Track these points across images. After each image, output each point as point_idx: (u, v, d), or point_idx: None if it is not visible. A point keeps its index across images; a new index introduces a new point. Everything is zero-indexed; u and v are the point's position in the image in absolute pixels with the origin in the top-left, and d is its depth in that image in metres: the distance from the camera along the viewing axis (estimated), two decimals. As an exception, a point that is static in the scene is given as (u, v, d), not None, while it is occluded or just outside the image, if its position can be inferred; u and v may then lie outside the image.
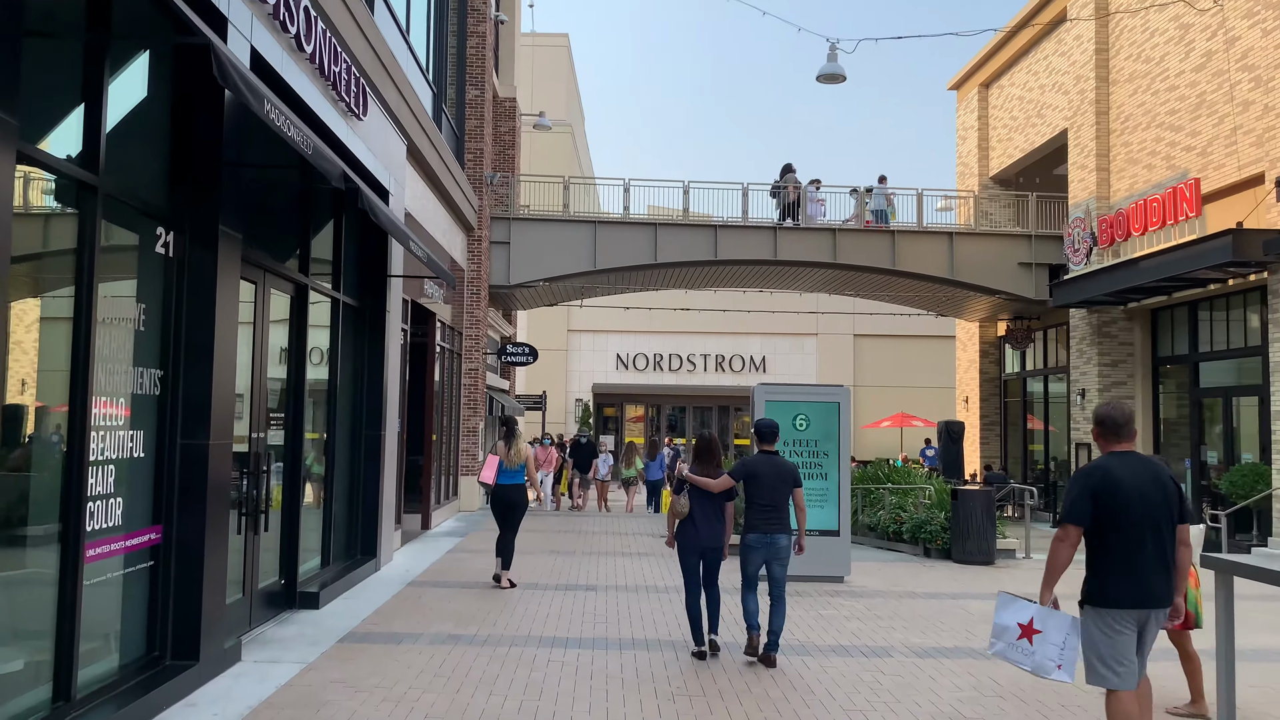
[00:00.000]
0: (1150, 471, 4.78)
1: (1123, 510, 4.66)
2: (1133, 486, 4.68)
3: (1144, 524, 4.67)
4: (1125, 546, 4.66)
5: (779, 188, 21.44)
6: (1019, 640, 4.84)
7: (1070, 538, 4.74)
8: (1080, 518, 4.72)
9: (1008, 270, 21.76)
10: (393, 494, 11.87)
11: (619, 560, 12.48)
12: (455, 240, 17.39)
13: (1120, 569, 4.66)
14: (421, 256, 9.29)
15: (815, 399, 11.23)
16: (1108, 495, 4.67)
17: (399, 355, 12.13)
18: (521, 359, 19.05)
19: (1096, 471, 4.77)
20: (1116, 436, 4.85)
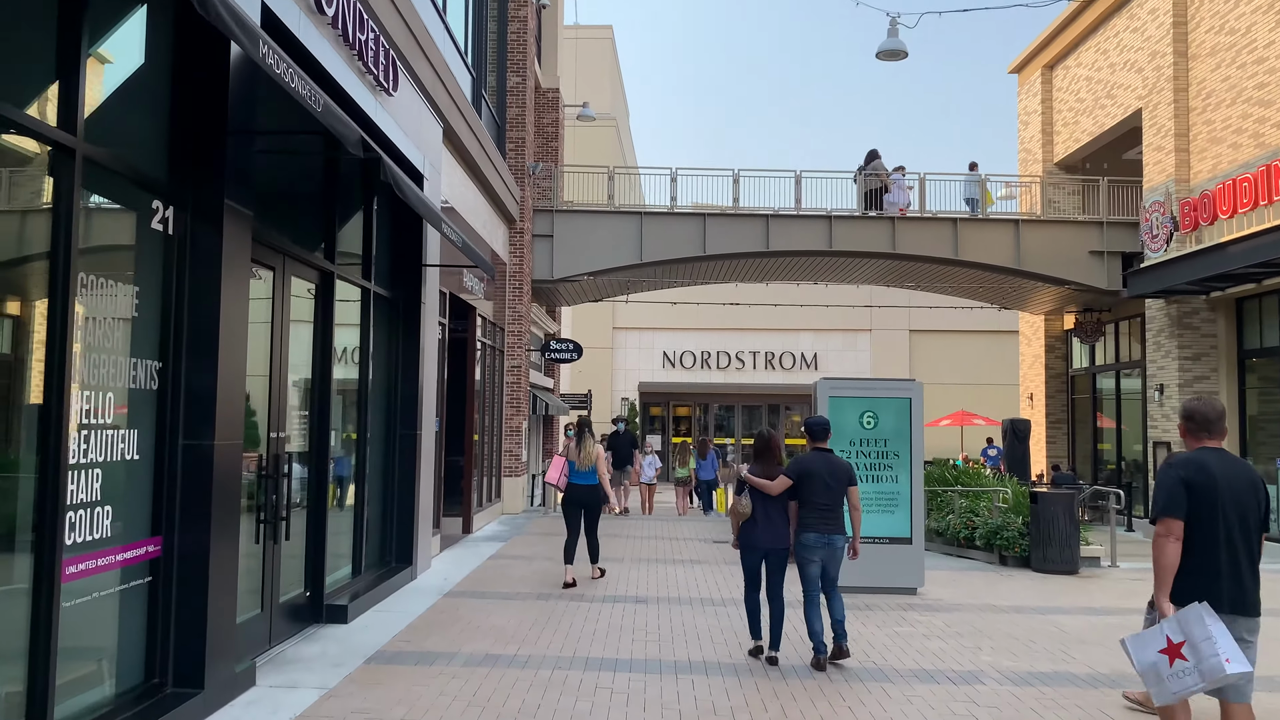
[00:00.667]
0: (1244, 472, 4.61)
1: (1215, 507, 4.47)
2: (1227, 485, 4.50)
3: (1235, 525, 4.48)
4: (1211, 546, 4.45)
5: (863, 174, 20.53)
6: (1173, 666, 4.41)
7: (1173, 531, 4.50)
8: (1178, 509, 4.50)
9: (1078, 259, 20.57)
10: (430, 497, 11.18)
11: (670, 569, 11.67)
12: (496, 232, 16.71)
13: (1204, 569, 4.44)
14: (456, 241, 8.56)
15: (884, 394, 10.32)
16: (1201, 488, 4.49)
17: (436, 350, 11.44)
18: (566, 355, 18.34)
19: (1191, 462, 4.56)
20: (1207, 432, 4.66)
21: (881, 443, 10.29)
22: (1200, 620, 4.35)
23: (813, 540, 7.03)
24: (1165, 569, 4.51)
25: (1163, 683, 4.43)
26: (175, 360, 5.57)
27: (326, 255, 8.28)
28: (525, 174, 18.12)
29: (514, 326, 17.77)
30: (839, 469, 7.20)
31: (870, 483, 10.22)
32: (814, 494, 7.06)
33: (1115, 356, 22.88)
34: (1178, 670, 4.38)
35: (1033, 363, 25.82)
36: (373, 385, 9.66)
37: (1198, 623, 4.36)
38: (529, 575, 10.82)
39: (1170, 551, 4.50)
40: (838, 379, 10.46)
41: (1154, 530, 4.61)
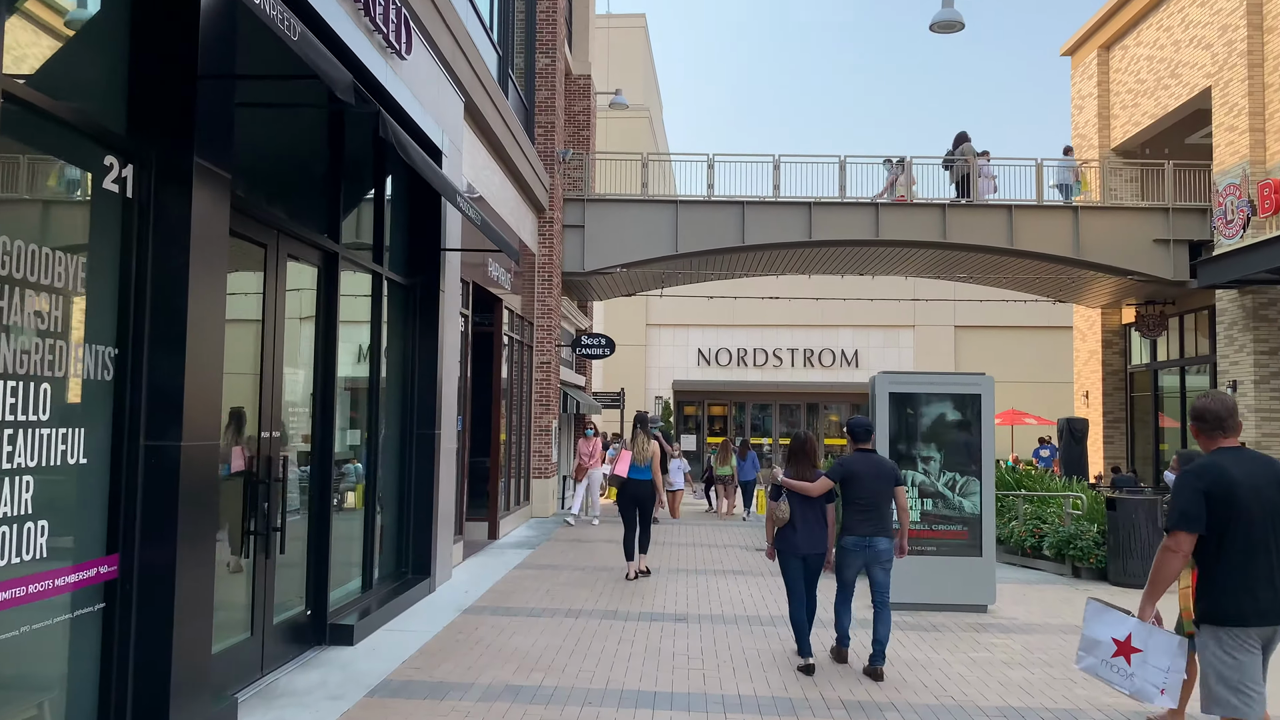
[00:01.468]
0: (1269, 470, 4.28)
1: (1242, 514, 4.16)
2: (1250, 487, 4.18)
3: (1265, 529, 4.18)
4: (1244, 555, 4.16)
5: (951, 160, 19.49)
6: (1114, 658, 4.44)
7: (1182, 547, 4.25)
8: (1194, 523, 4.21)
9: (1141, 248, 19.33)
10: (451, 502, 10.32)
11: (712, 580, 10.71)
12: (524, 221, 15.84)
13: (1240, 581, 4.16)
14: (474, 218, 7.67)
15: (950, 389, 9.30)
16: (1224, 497, 4.18)
17: (458, 343, 10.57)
18: (598, 351, 17.45)
19: (1209, 470, 4.23)
20: (1221, 431, 4.36)
21: (948, 443, 9.27)
22: (1168, 650, 4.30)
23: (852, 544, 6.85)
24: (1160, 581, 4.32)
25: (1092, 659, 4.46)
26: (136, 347, 4.71)
27: (330, 234, 7.42)
28: (555, 160, 17.25)
29: (543, 321, 16.90)
30: (884, 469, 7.02)
31: (937, 489, 9.21)
32: (858, 495, 6.87)
33: (1180, 351, 21.59)
34: (1115, 664, 4.37)
35: (1088, 359, 24.55)
36: (386, 380, 8.81)
37: (1164, 650, 4.30)
38: (558, 588, 9.92)
39: (1172, 565, 4.26)
40: (897, 373, 9.46)
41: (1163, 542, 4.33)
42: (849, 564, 6.89)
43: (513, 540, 13.63)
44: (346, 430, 8.07)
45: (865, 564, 6.85)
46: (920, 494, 9.23)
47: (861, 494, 6.85)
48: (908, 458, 9.25)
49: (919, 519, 9.23)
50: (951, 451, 9.28)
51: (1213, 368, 19.55)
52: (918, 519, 9.22)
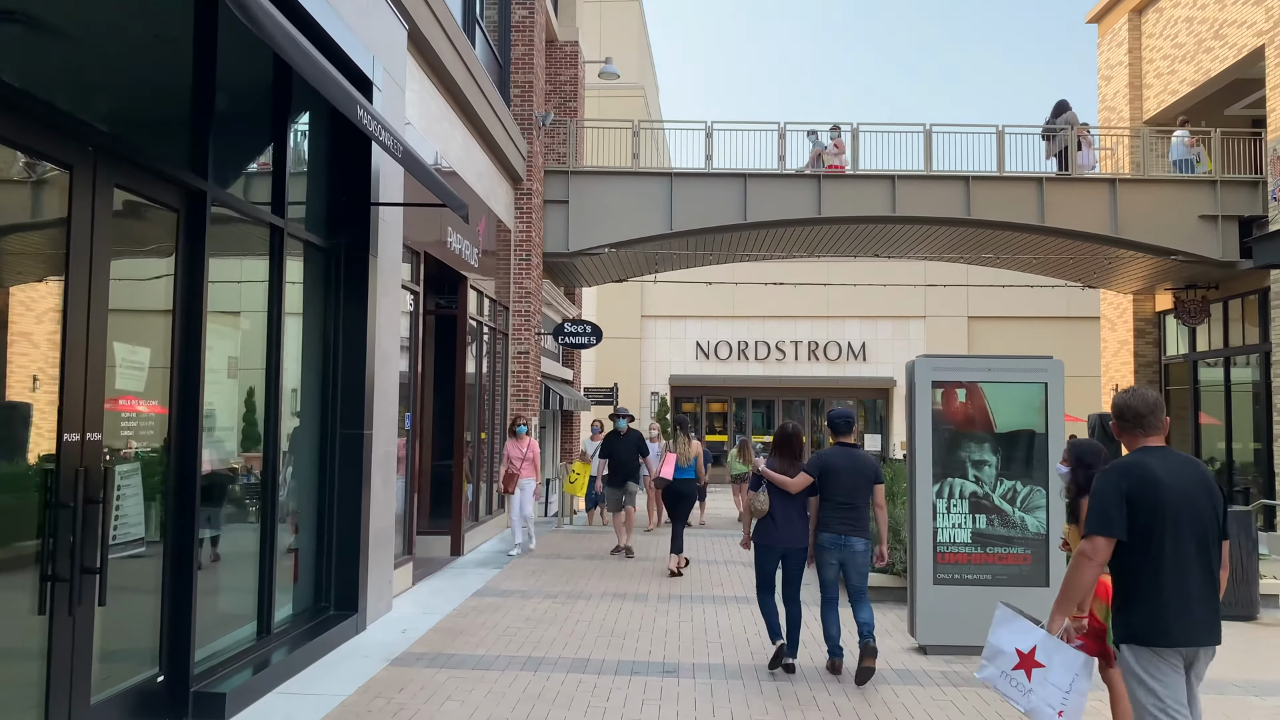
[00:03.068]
0: (1196, 473, 3.83)
1: (1167, 519, 3.72)
2: (1177, 490, 3.74)
3: (1192, 537, 3.73)
4: (1168, 566, 3.71)
5: (1052, 130, 17.75)
6: (1015, 670, 4.07)
7: (1099, 555, 3.77)
8: (1112, 527, 3.74)
9: (1185, 225, 17.44)
10: (391, 517, 8.44)
11: (709, 610, 8.84)
12: (497, 191, 13.94)
13: (1165, 595, 3.70)
14: (394, 149, 5.79)
15: (1009, 376, 7.41)
16: (1147, 500, 3.73)
17: (398, 323, 8.69)
18: (583, 340, 15.60)
19: (1132, 469, 3.79)
20: (1142, 429, 3.91)
21: (1007, 444, 7.39)
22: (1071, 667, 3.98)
23: (828, 541, 6.65)
24: (1073, 592, 3.91)
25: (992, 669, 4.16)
26: None
27: (195, 168, 5.53)
28: (533, 126, 15.36)
29: (521, 305, 15.01)
30: (863, 466, 6.75)
31: (992, 502, 7.33)
32: (835, 492, 6.66)
33: (1224, 340, 19.69)
34: (1014, 677, 4.08)
35: (1118, 350, 22.66)
36: (289, 367, 6.92)
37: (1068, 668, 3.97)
38: (521, 624, 8.04)
39: (1087, 575, 3.83)
40: (942, 357, 7.56)
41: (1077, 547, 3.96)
42: (826, 562, 6.65)
43: (480, 556, 11.74)
44: (235, 430, 6.19)
45: (841, 563, 6.61)
46: (971, 508, 7.35)
47: (838, 490, 6.63)
48: (955, 462, 7.37)
49: (969, 539, 7.35)
50: (1011, 454, 7.39)
51: (1264, 358, 17.68)
52: (967, 539, 7.35)
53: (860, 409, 32.86)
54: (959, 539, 7.34)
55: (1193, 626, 3.71)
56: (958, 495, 7.38)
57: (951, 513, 7.37)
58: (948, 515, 7.37)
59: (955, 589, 7.32)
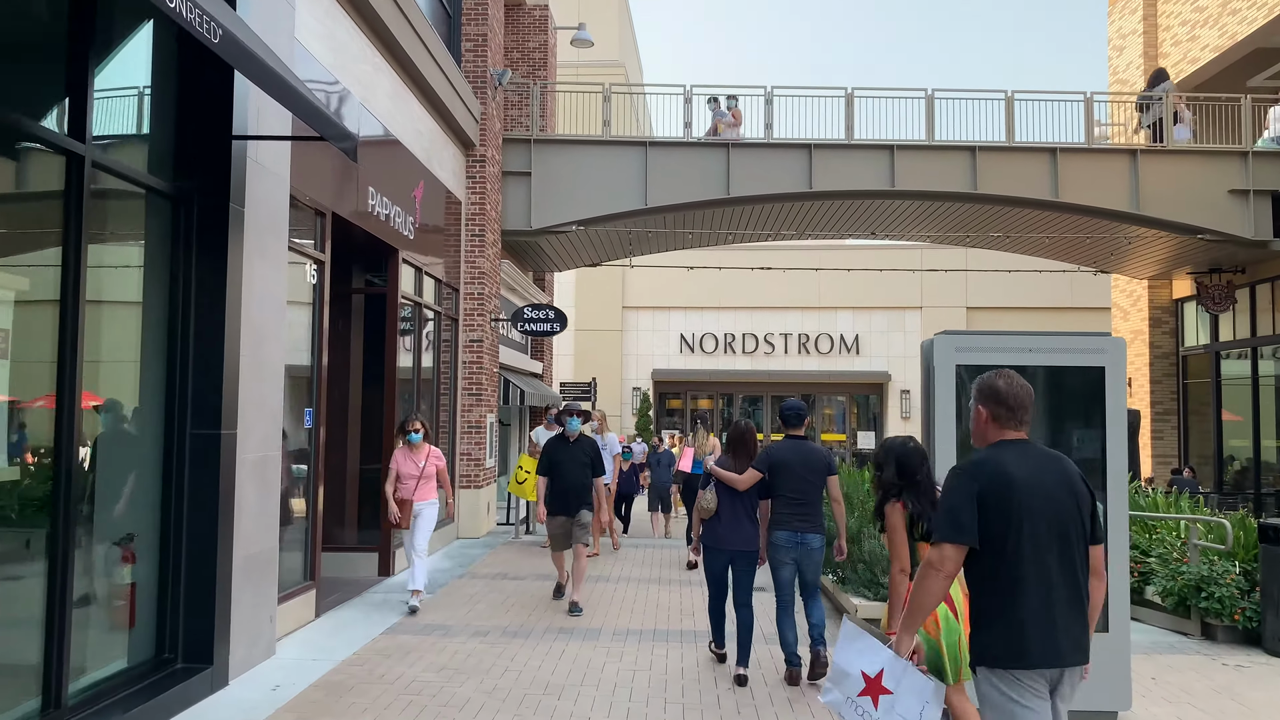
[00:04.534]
0: (1058, 470, 3.41)
1: (1024, 523, 3.27)
2: (1035, 489, 3.31)
3: (1051, 543, 3.30)
4: (1027, 575, 3.27)
5: (1148, 99, 16.28)
6: (860, 697, 3.58)
7: (947, 564, 3.30)
8: (963, 533, 3.28)
9: (1213, 201, 15.81)
10: (272, 538, 6.73)
11: (673, 652, 7.15)
12: (442, 155, 12.21)
13: (1024, 610, 3.25)
14: (192, 16, 4.06)
15: (1056, 359, 5.72)
16: (1001, 501, 3.28)
17: (282, 295, 6.97)
18: (545, 326, 13.86)
19: (984, 467, 3.37)
20: (1015, 421, 3.47)
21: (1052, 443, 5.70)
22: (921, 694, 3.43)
23: (784, 539, 6.32)
24: (920, 607, 3.35)
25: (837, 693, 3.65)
26: None
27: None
28: (488, 85, 13.62)
29: (474, 288, 13.28)
30: (815, 458, 6.45)
31: (1031, 520, 5.65)
32: (786, 487, 6.34)
33: (1250, 329, 18.09)
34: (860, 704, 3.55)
35: (1131, 341, 21.04)
36: (111, 346, 5.20)
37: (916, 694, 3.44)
38: (433, 675, 6.33)
39: (935, 587, 3.29)
40: (968, 334, 5.87)
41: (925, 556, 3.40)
42: (782, 561, 6.34)
43: (412, 577, 9.99)
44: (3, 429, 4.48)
45: (797, 561, 6.32)
46: (1007, 529, 5.67)
47: (791, 485, 6.33)
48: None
49: (1004, 569, 5.67)
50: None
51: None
52: (1002, 570, 5.67)
53: (852, 405, 31.25)
54: (991, 569, 5.66)
55: (1056, 644, 3.26)
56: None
57: (981, 535, 5.68)
58: (976, 538, 5.68)
59: (986, 634, 5.63)
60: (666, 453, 14.58)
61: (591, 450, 8.56)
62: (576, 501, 8.44)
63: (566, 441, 8.61)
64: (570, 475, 8.44)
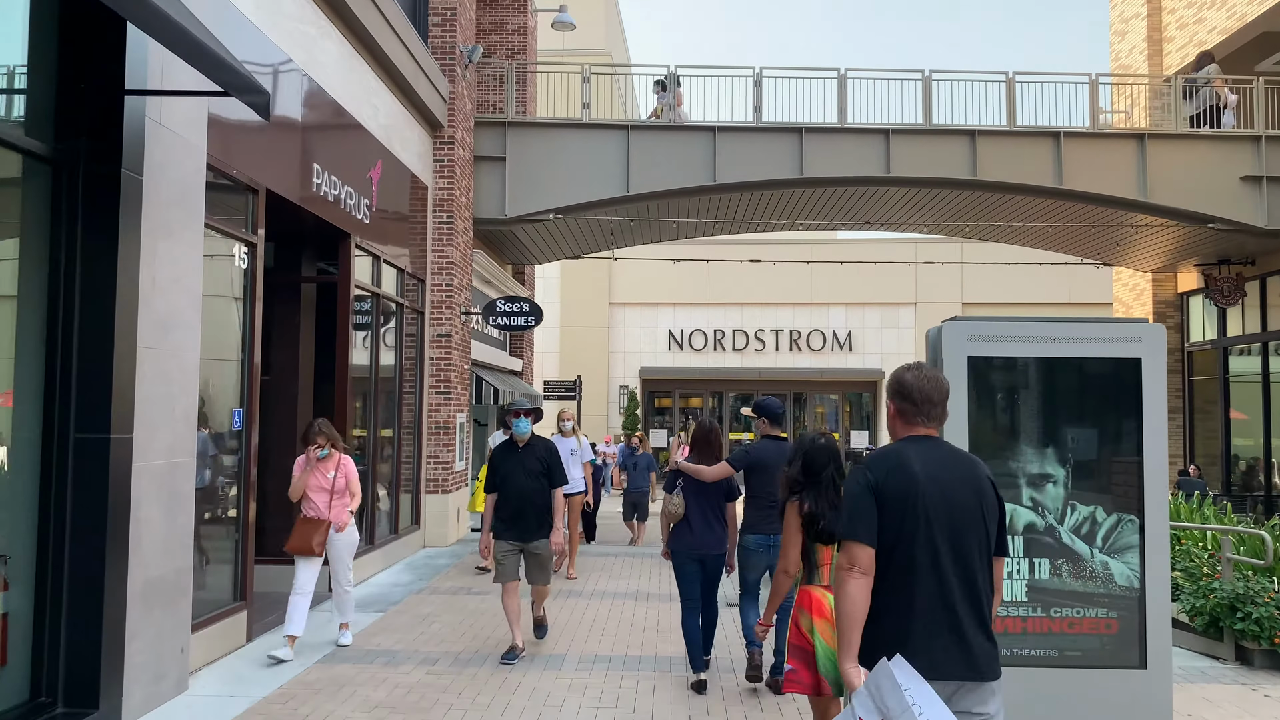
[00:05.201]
0: (965, 471, 3.18)
1: (919, 522, 3.06)
2: (936, 489, 3.09)
3: (949, 548, 3.06)
4: (919, 581, 3.04)
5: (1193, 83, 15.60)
6: None
7: (859, 563, 3.07)
8: (863, 530, 3.08)
9: (1224, 188, 15.04)
10: (184, 557, 5.89)
11: (644, 683, 6.33)
12: (406, 135, 11.36)
13: (911, 618, 3.02)
14: None
15: (1084, 350, 4.90)
16: (897, 498, 3.08)
17: (197, 280, 6.12)
18: (519, 320, 13.01)
19: (883, 463, 3.17)
20: (924, 417, 3.26)
21: (1081, 452, 4.90)
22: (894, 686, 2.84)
23: (755, 543, 6.15)
24: (849, 618, 3.04)
25: None
26: None
27: None
28: (457, 62, 12.77)
29: (441, 279, 12.43)
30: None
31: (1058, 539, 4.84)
32: (763, 488, 6.10)
33: (1261, 324, 17.32)
34: None
35: (1134, 336, 20.25)
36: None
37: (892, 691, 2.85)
38: (364, 716, 5.48)
39: (856, 593, 3.04)
40: (982, 320, 5.04)
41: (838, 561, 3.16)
42: (753, 565, 6.22)
43: (365, 593, 9.15)
44: None
45: (770, 567, 6.05)
46: (1028, 548, 4.86)
47: (768, 487, 6.07)
48: (1004, 476, 4.88)
49: (1023, 596, 4.87)
50: (1086, 467, 4.90)
51: (1314, 342, 15.34)
52: (1022, 596, 4.87)
53: (845, 404, 30.48)
54: (1010, 595, 4.85)
55: (944, 656, 3.01)
56: (1007, 529, 4.87)
57: (997, 556, 4.87)
58: (992, 559, 4.87)
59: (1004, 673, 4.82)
60: (645, 455, 13.73)
61: (547, 456, 6.90)
62: (531, 523, 6.77)
63: (515, 448, 6.93)
64: (521, 490, 6.77)
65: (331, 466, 6.98)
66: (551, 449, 6.99)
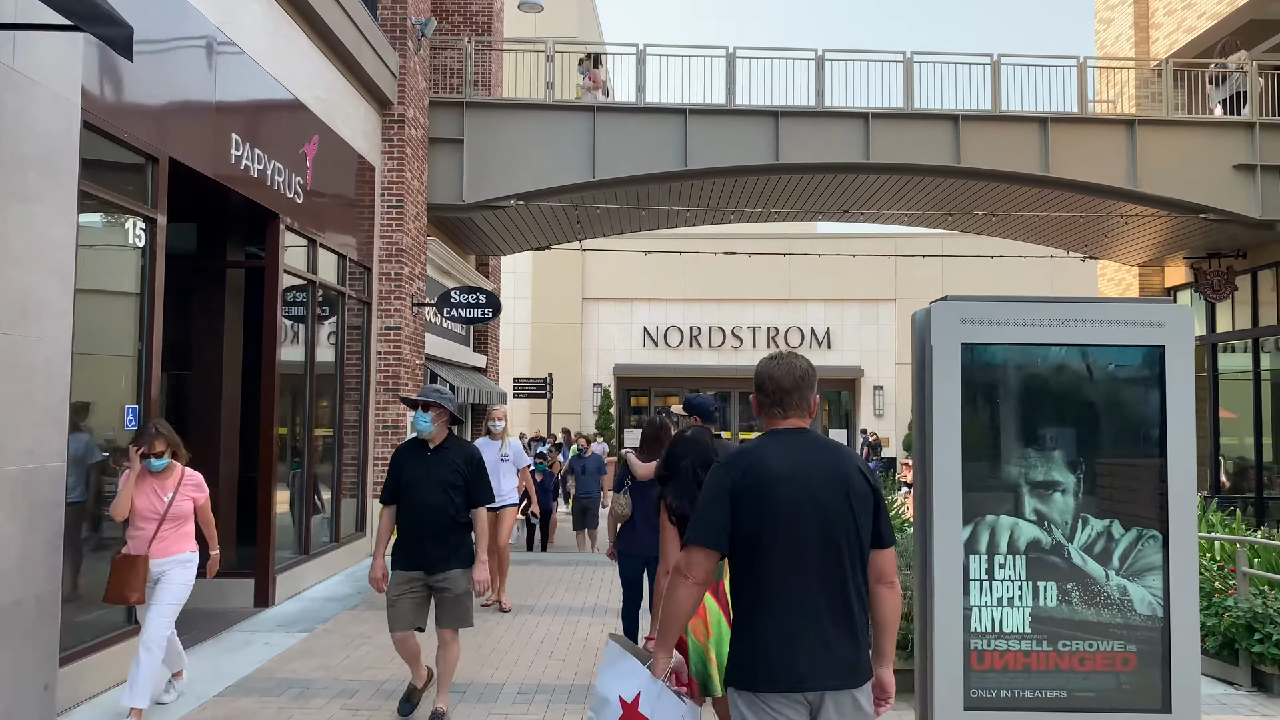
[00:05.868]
0: (828, 462, 2.97)
1: (778, 523, 2.88)
2: (796, 485, 2.90)
3: (813, 547, 2.88)
4: (777, 584, 2.88)
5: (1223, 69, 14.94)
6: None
7: (694, 570, 2.94)
8: (710, 535, 2.93)
9: (1216, 176, 14.43)
10: (37, 585, 5.05)
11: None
12: (348, 111, 10.53)
13: (771, 622, 2.87)
14: None
15: (1099, 336, 4.15)
16: (754, 499, 2.90)
17: (67, 255, 5.28)
18: (475, 312, 12.15)
19: (740, 460, 2.99)
20: (781, 408, 3.05)
21: (1093, 456, 4.16)
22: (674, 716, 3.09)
23: None
24: (671, 620, 2.98)
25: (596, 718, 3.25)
26: None
27: None
28: (409, 35, 11.93)
29: (391, 267, 11.60)
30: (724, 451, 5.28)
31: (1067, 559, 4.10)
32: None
33: (1252, 320, 16.74)
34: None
35: (1120, 332, 19.68)
36: None
37: (674, 712, 3.11)
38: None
39: (684, 598, 2.94)
40: (979, 301, 4.28)
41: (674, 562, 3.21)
42: None
43: (296, 609, 8.31)
44: None
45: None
46: (1031, 570, 4.11)
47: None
48: (1001, 484, 4.14)
49: (1026, 627, 4.12)
50: (1101, 472, 4.16)
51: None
52: (1024, 627, 4.12)
53: (823, 402, 29.83)
54: (1010, 626, 4.11)
55: (807, 664, 2.81)
56: (1006, 546, 4.13)
57: (996, 578, 4.12)
58: (989, 583, 4.12)
59: (1004, 717, 4.07)
60: (594, 457, 12.89)
61: (466, 466, 5.32)
62: (435, 550, 5.20)
63: (424, 450, 5.34)
64: (425, 505, 5.22)
65: (171, 484, 5.27)
66: (473, 457, 5.40)
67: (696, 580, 2.93)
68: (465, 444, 5.59)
